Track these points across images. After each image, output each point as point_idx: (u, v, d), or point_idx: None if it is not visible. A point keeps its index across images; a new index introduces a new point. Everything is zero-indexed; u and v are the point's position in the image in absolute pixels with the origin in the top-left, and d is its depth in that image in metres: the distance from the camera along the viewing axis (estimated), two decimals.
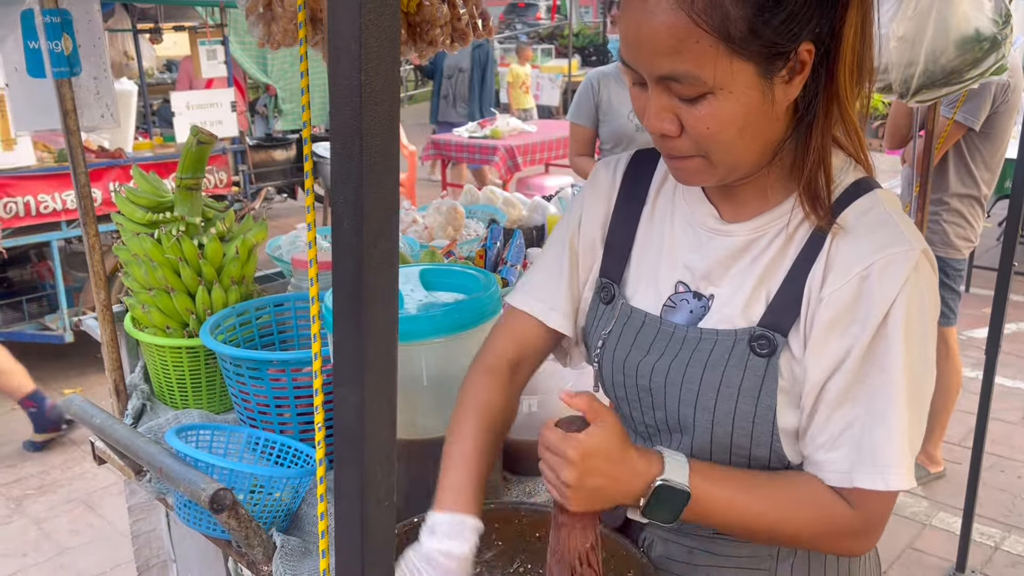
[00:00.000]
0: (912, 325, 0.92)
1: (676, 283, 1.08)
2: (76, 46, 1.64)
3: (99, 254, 1.76)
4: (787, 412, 1.00)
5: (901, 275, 0.92)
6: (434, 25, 2.19)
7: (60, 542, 3.38)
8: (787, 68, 0.90)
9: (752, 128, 0.92)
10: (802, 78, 0.91)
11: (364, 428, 0.67)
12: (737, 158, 0.95)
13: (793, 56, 0.89)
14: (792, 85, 0.92)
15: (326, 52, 0.65)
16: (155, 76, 10.51)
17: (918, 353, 0.93)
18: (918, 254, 0.92)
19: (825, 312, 0.95)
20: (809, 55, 0.90)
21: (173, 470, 1.31)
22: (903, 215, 0.98)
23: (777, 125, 0.95)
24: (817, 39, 0.90)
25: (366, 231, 0.63)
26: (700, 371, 1.02)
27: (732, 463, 1.05)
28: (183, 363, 1.79)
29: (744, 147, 0.94)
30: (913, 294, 0.92)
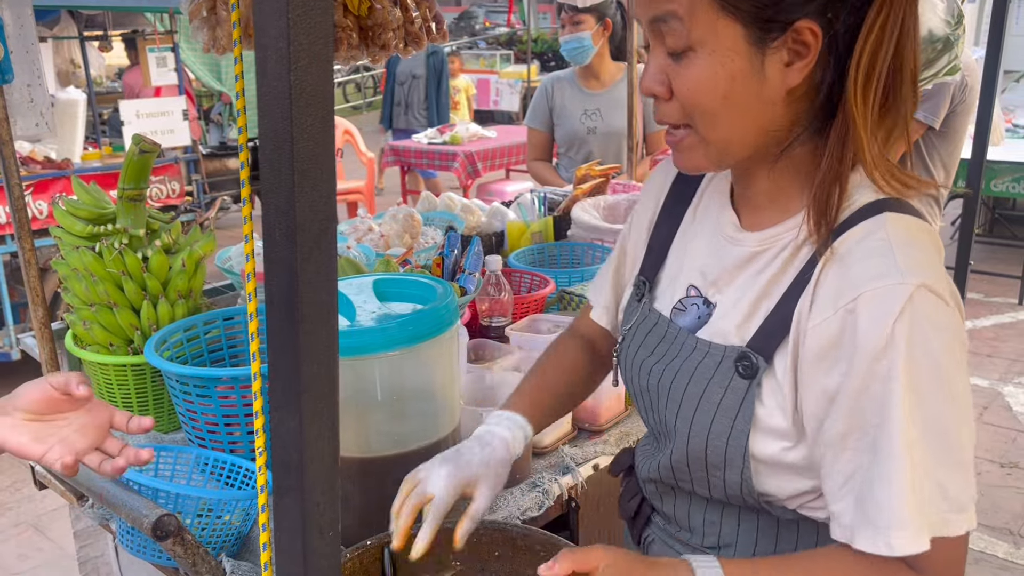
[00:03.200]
0: (916, 369, 0.83)
1: (689, 286, 1.06)
2: (7, 52, 1.56)
3: (35, 269, 1.68)
4: (763, 440, 0.95)
5: (890, 311, 0.83)
6: (386, 29, 2.15)
7: (8, 567, 3.26)
8: (784, 46, 0.86)
9: (738, 102, 0.88)
10: (804, 65, 0.87)
11: (303, 456, 0.63)
12: (725, 134, 0.90)
13: (790, 33, 0.85)
14: (792, 70, 0.87)
15: None
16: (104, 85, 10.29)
17: (931, 401, 0.83)
18: (912, 288, 0.83)
19: (811, 344, 0.89)
20: (814, 38, 0.85)
21: (113, 496, 1.24)
22: (909, 244, 0.87)
23: (772, 109, 0.89)
24: (825, 23, 0.85)
25: (299, 242, 0.58)
26: (686, 381, 1.00)
27: (710, 484, 1.02)
28: (128, 381, 1.72)
29: (730, 122, 0.89)
30: (913, 333, 0.82)
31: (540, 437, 1.62)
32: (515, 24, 17.38)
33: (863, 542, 0.85)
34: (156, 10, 6.22)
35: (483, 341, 1.82)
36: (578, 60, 3.37)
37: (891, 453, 0.83)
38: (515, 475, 1.53)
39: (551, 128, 3.59)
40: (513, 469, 1.53)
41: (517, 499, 1.50)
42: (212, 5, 1.88)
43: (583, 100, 3.47)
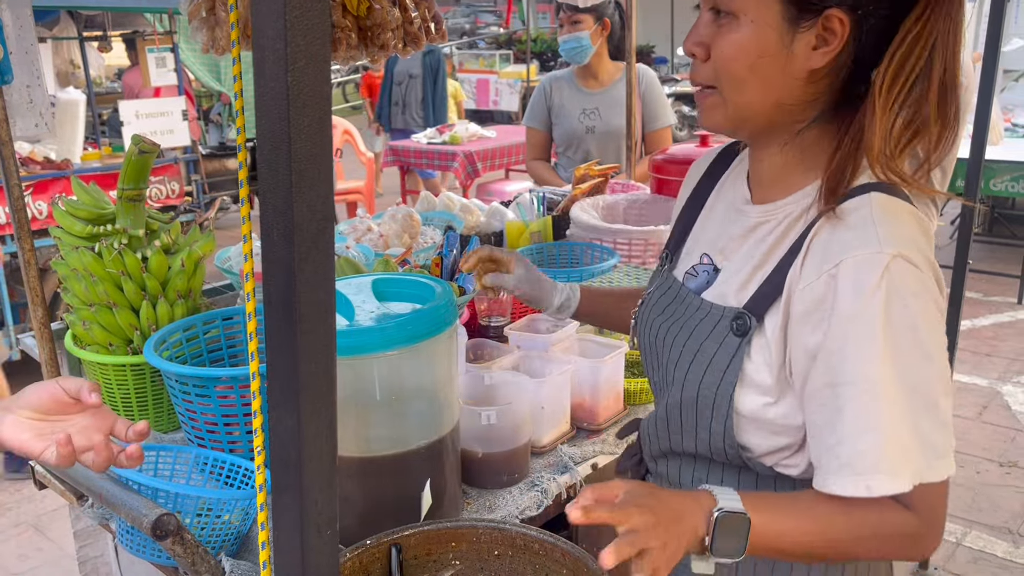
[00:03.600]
0: (893, 329, 0.90)
1: (702, 255, 1.15)
2: (7, 53, 1.57)
3: (35, 269, 1.68)
4: (747, 394, 1.02)
5: (869, 279, 0.91)
6: (385, 29, 2.15)
7: (8, 567, 3.26)
8: (814, 29, 0.93)
9: (763, 72, 0.96)
10: (830, 50, 0.94)
11: (301, 454, 0.63)
12: (746, 99, 0.99)
13: (822, 19, 0.93)
14: (817, 53, 0.94)
15: None
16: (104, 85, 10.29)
17: (907, 358, 0.91)
18: (888, 257, 0.91)
19: (798, 305, 0.97)
20: (842, 28, 0.93)
21: (113, 495, 1.25)
22: (890, 219, 0.95)
23: (792, 85, 0.97)
24: (855, 17, 0.92)
25: (297, 242, 0.58)
26: (687, 337, 1.09)
27: (697, 435, 1.09)
28: (128, 381, 1.72)
29: (752, 89, 0.98)
30: (890, 297, 0.90)
31: (539, 436, 1.63)
32: (502, 26, 17.38)
33: (842, 487, 0.92)
34: (155, 11, 6.22)
35: (482, 341, 1.82)
36: (577, 60, 3.38)
37: (868, 406, 0.90)
38: (514, 474, 1.54)
39: (550, 127, 3.59)
40: (513, 468, 1.54)
41: (516, 498, 1.50)
42: (211, 6, 1.88)
43: (582, 99, 3.48)
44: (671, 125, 3.58)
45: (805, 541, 0.95)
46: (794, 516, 0.95)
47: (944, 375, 0.93)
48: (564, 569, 1.18)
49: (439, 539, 1.23)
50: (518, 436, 1.52)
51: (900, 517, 0.93)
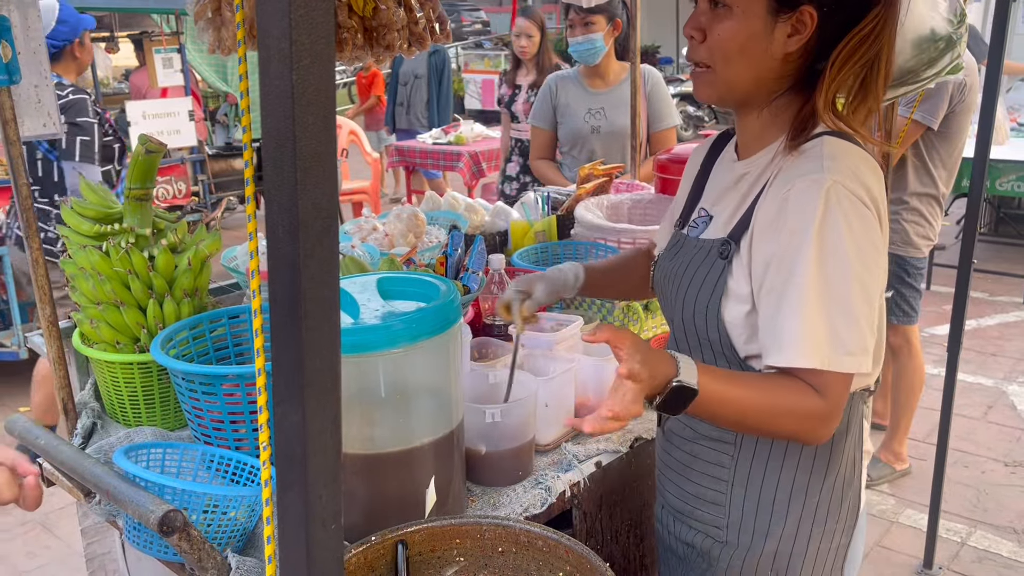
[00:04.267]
0: (824, 242, 1.11)
1: (701, 208, 1.38)
2: (15, 53, 1.58)
3: (43, 268, 1.69)
4: (730, 305, 1.24)
5: (814, 196, 1.12)
6: (391, 29, 2.16)
7: (16, 565, 3.27)
8: (790, 21, 1.16)
9: (748, 53, 1.18)
10: (800, 39, 1.17)
11: (306, 449, 0.64)
12: (733, 75, 1.20)
13: (796, 13, 1.15)
14: (791, 40, 1.17)
15: None
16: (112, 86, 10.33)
17: (832, 268, 1.11)
18: (829, 181, 1.13)
19: (759, 224, 1.20)
20: (811, 20, 1.15)
21: (120, 492, 1.25)
22: (836, 155, 1.16)
23: (770, 65, 1.19)
24: (823, 13, 1.15)
25: (302, 239, 0.59)
26: (686, 267, 1.32)
27: (701, 347, 1.32)
28: (135, 379, 1.73)
29: (739, 67, 1.19)
30: (826, 217, 1.12)
31: (543, 434, 1.63)
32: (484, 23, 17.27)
33: (771, 358, 1.15)
34: (162, 11, 6.25)
35: (486, 340, 1.83)
36: (589, 60, 3.39)
37: (796, 298, 1.12)
38: (518, 472, 1.54)
39: (555, 127, 3.60)
40: (517, 465, 1.54)
41: (520, 496, 1.51)
42: (217, 6, 1.89)
43: (587, 99, 3.48)
44: (676, 125, 3.58)
45: (739, 410, 1.14)
46: (736, 387, 1.14)
47: (866, 291, 1.13)
48: (567, 566, 1.19)
49: (444, 536, 1.24)
50: (522, 434, 1.53)
51: (812, 400, 1.12)
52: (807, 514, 1.31)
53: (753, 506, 1.32)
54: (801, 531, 1.31)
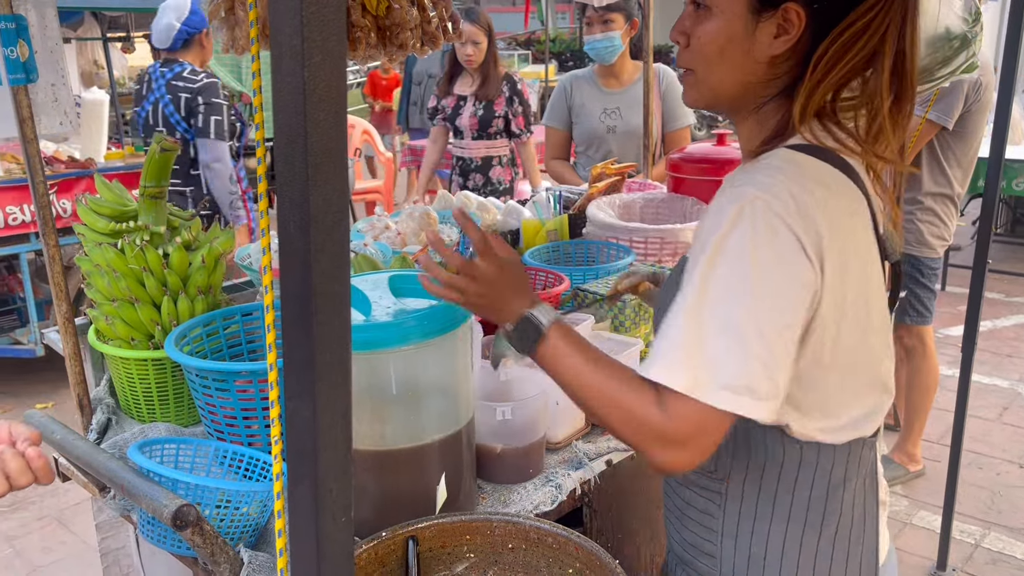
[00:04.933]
0: (728, 252, 0.98)
1: None
2: (32, 52, 1.60)
3: (59, 265, 1.71)
4: None
5: (728, 207, 1.00)
6: (404, 28, 2.17)
7: (32, 560, 3.31)
8: (775, 21, 1.05)
9: (729, 56, 1.09)
10: (788, 39, 1.05)
11: (317, 443, 0.65)
12: (716, 79, 1.11)
13: (781, 11, 1.04)
14: (778, 42, 1.06)
15: None
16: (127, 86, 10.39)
17: (724, 285, 0.97)
18: (752, 194, 0.99)
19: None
20: (798, 19, 1.04)
21: (135, 486, 1.27)
22: (785, 168, 1.02)
23: (755, 67, 1.09)
24: (812, 11, 1.03)
25: (313, 234, 0.60)
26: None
27: None
28: (149, 375, 1.75)
29: (721, 72, 1.10)
30: (737, 227, 0.98)
31: (553, 432, 1.64)
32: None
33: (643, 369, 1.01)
34: None
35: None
36: (606, 59, 3.38)
37: (679, 309, 0.99)
38: (528, 470, 1.55)
39: (570, 127, 3.60)
40: (527, 463, 1.55)
41: (530, 494, 1.51)
42: (231, 5, 1.91)
43: (603, 99, 3.48)
44: (690, 125, 3.58)
45: (576, 376, 1.06)
46: (583, 355, 1.06)
47: (771, 319, 0.96)
48: (577, 563, 1.19)
49: (454, 532, 1.25)
50: (533, 432, 1.53)
51: (651, 411, 0.97)
52: (804, 572, 1.15)
53: (744, 560, 1.17)
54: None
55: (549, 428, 1.62)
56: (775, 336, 0.96)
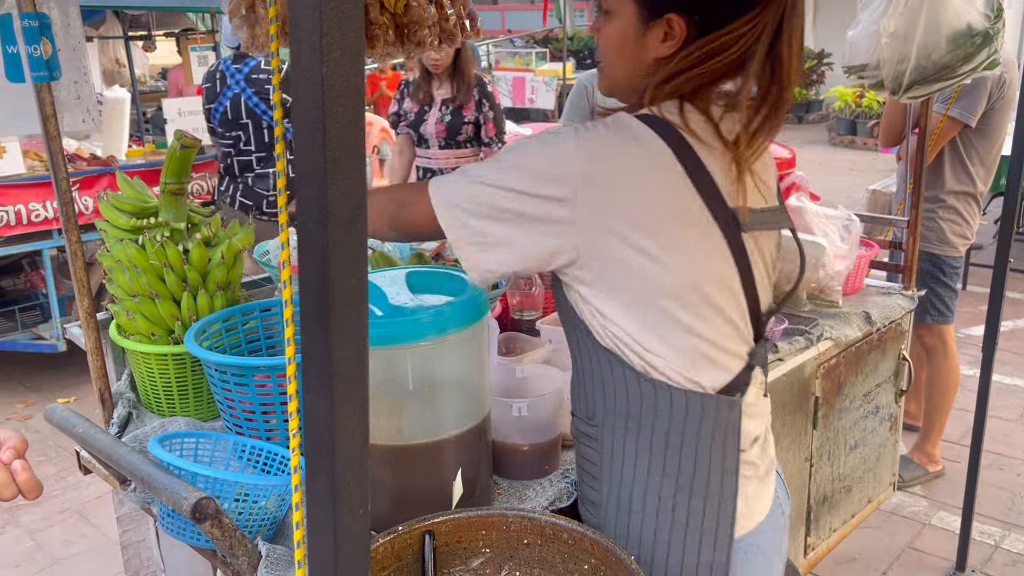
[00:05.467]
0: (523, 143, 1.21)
1: None
2: (55, 50, 1.62)
3: (81, 261, 1.73)
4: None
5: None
6: (422, 26, 2.17)
7: (53, 552, 3.35)
8: (661, 28, 1.21)
9: (624, 54, 1.26)
10: (672, 45, 1.21)
11: (334, 436, 0.65)
12: (615, 73, 1.30)
13: (664, 20, 1.20)
14: (663, 46, 1.22)
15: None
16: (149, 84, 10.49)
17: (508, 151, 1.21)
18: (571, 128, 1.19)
19: None
20: (680, 28, 1.20)
21: (154, 479, 1.28)
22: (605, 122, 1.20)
23: (645, 68, 1.25)
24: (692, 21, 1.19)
25: (331, 228, 0.60)
26: None
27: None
28: (169, 370, 1.77)
29: (618, 66, 1.28)
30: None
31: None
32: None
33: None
34: (198, 10, 6.33)
35: (514, 334, 1.83)
36: None
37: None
38: (544, 466, 1.55)
39: None
40: (543, 459, 1.55)
41: (546, 490, 1.51)
42: (251, 3, 1.92)
43: None
44: None
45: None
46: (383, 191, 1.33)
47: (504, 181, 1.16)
48: (593, 559, 1.19)
49: (470, 527, 1.25)
50: (549, 428, 1.54)
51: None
52: (663, 522, 1.25)
53: (615, 505, 1.28)
54: (659, 539, 1.25)
55: (565, 425, 1.62)
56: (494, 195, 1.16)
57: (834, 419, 2.41)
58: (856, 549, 3.12)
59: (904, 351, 2.65)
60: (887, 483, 2.79)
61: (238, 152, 3.85)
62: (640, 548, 1.27)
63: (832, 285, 2.38)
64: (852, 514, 2.63)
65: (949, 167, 3.27)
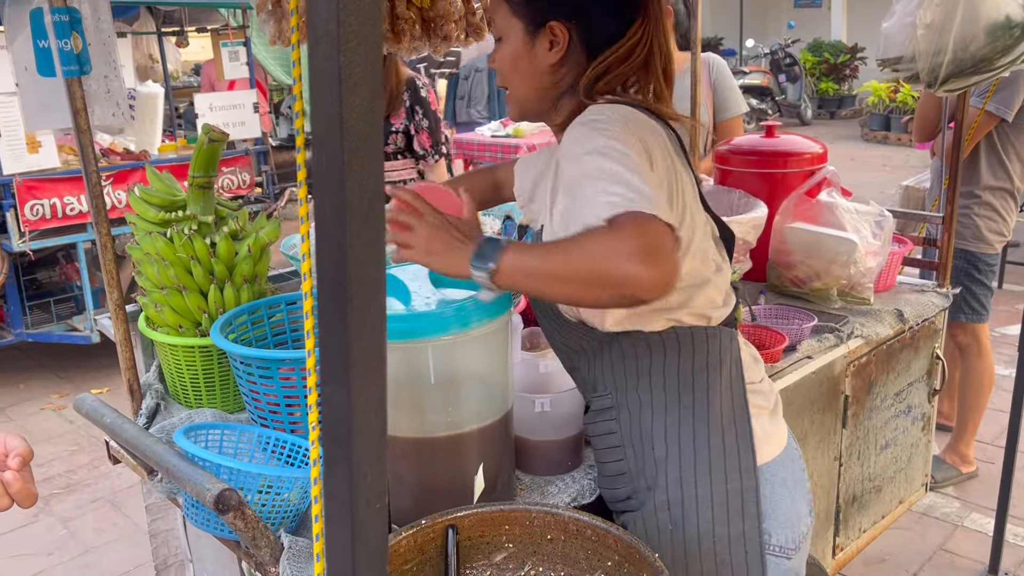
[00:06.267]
0: (563, 153, 1.27)
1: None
2: (86, 44, 1.63)
3: (111, 253, 1.75)
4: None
5: (563, 139, 1.28)
6: (448, 20, 2.18)
7: (85, 541, 3.40)
8: (546, 36, 1.34)
9: (521, 71, 1.37)
10: (559, 50, 1.34)
11: (351, 428, 0.65)
12: (518, 91, 1.40)
13: (547, 28, 1.33)
14: (551, 53, 1.34)
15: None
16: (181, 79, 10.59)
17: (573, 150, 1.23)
18: (580, 124, 1.26)
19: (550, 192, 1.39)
20: (562, 34, 1.33)
21: (179, 470, 1.29)
22: (594, 110, 1.28)
23: (542, 77, 1.37)
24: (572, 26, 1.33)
25: (349, 220, 0.60)
26: None
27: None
28: (196, 362, 1.78)
29: (518, 84, 1.39)
30: (564, 140, 1.28)
31: None
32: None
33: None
34: (230, 6, 6.38)
35: (537, 329, 1.82)
36: None
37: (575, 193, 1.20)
38: (567, 462, 1.54)
39: None
40: (566, 455, 1.54)
41: (569, 486, 1.51)
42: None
43: None
44: (743, 114, 3.49)
45: (543, 258, 1.16)
46: (544, 251, 1.18)
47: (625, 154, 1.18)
48: (616, 555, 1.18)
49: (493, 522, 1.25)
50: (572, 424, 1.53)
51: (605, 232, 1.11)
52: (687, 459, 1.32)
53: (642, 462, 1.34)
54: (685, 476, 1.32)
55: None
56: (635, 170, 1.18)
57: (864, 418, 2.37)
58: (887, 550, 3.08)
59: (938, 350, 2.60)
60: (919, 484, 2.75)
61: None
62: (669, 491, 1.32)
63: (863, 282, 2.35)
64: (882, 515, 2.59)
65: (985, 162, 3.20)
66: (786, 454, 1.43)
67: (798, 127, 12.55)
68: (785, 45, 13.15)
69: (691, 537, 1.32)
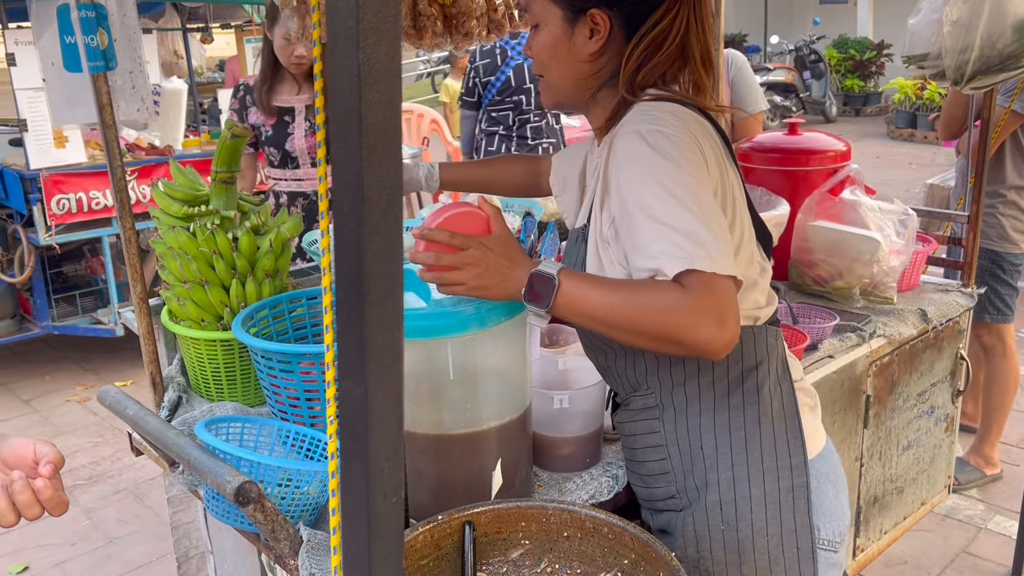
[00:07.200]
0: (620, 162, 1.23)
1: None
2: (111, 40, 1.65)
3: (135, 247, 1.77)
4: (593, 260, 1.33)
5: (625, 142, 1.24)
6: (470, 16, 2.17)
7: (108, 532, 3.44)
8: (586, 24, 1.30)
9: (559, 59, 1.34)
10: (600, 38, 1.31)
11: (368, 422, 0.65)
12: (554, 80, 1.37)
13: (588, 16, 1.30)
14: (592, 42, 1.31)
15: None
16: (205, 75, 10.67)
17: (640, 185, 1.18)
18: (635, 128, 1.23)
19: (600, 192, 1.32)
20: (603, 22, 1.30)
21: (200, 462, 1.31)
22: (646, 110, 1.26)
23: (581, 66, 1.34)
24: (614, 13, 1.29)
25: (366, 216, 0.60)
26: (567, 257, 1.49)
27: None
28: (218, 356, 1.80)
29: (555, 72, 1.36)
30: (621, 148, 1.24)
31: (611, 422, 1.62)
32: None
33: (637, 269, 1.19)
34: (254, 2, 6.41)
35: (557, 326, 1.82)
36: None
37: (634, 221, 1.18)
38: (585, 459, 1.54)
39: None
40: (584, 453, 1.54)
41: (587, 483, 1.50)
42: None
43: None
44: (763, 111, 3.46)
45: (604, 305, 1.17)
46: (598, 286, 1.20)
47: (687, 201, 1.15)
48: (633, 553, 1.18)
49: (509, 518, 1.25)
50: (591, 421, 1.52)
51: (674, 293, 1.13)
52: (739, 457, 1.32)
53: (689, 462, 1.33)
54: (738, 475, 1.32)
55: (607, 418, 1.60)
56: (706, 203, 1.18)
57: (886, 418, 2.35)
58: (908, 552, 3.05)
59: (962, 350, 2.57)
60: (942, 485, 2.72)
61: (519, 112, 4.34)
62: (721, 490, 1.32)
63: (886, 281, 2.32)
64: (904, 516, 2.57)
65: (1011, 161, 3.16)
66: (827, 448, 1.44)
67: (823, 124, 12.44)
68: (810, 42, 13.03)
69: (744, 535, 1.32)
